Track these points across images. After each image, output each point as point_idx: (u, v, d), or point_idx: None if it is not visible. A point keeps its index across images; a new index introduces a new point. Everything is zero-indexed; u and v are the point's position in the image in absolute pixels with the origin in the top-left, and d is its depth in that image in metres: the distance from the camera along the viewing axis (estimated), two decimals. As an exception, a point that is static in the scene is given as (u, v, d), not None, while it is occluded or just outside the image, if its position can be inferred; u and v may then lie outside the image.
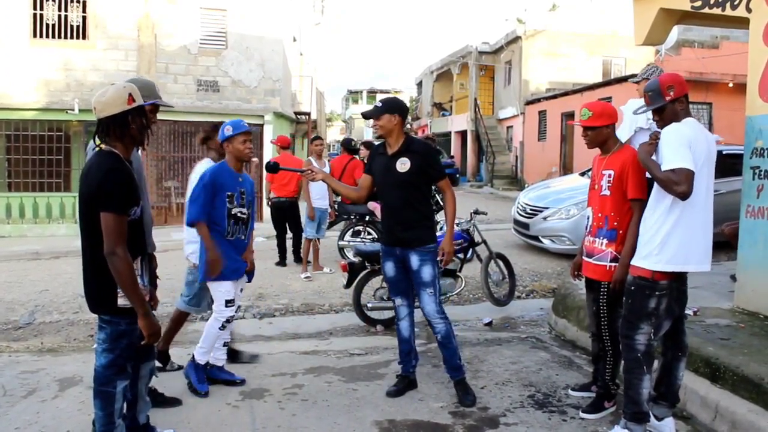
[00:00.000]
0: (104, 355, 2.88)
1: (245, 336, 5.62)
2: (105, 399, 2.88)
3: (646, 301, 3.21)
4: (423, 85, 36.60)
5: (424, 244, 3.92)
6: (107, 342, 2.88)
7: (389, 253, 4.02)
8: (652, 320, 3.22)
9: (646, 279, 3.21)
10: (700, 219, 3.21)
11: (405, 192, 3.89)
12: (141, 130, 2.93)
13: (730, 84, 16.01)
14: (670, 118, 3.27)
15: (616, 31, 22.88)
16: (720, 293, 5.44)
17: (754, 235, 4.85)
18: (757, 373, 3.51)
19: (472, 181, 27.20)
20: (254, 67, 14.91)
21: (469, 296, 7.08)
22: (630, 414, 3.27)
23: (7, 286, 7.74)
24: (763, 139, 4.79)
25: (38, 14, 13.55)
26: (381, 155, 4.00)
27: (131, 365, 2.97)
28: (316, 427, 3.55)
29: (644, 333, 3.23)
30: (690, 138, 3.15)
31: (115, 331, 2.85)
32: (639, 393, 3.23)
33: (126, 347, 2.89)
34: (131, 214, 2.82)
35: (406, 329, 4.11)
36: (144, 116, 2.95)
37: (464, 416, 3.68)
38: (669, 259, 3.17)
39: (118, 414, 2.92)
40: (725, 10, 5.15)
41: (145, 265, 2.97)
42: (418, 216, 3.93)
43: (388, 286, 4.17)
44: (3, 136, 13.56)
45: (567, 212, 8.95)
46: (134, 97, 2.88)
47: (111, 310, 2.83)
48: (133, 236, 2.85)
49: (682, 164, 3.06)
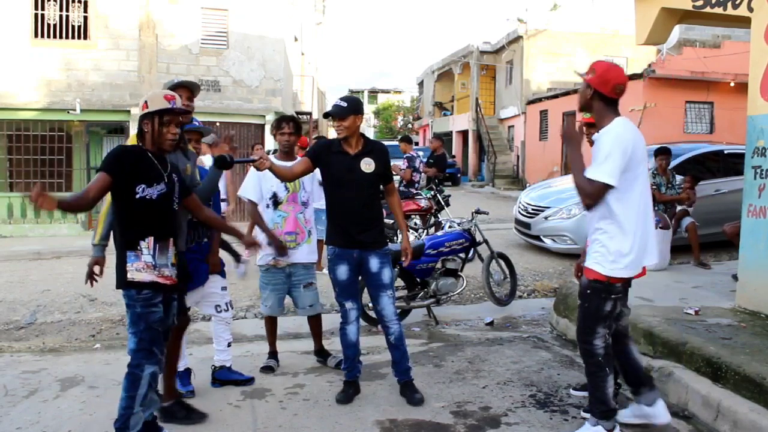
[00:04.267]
0: (132, 339, 3.09)
1: (246, 336, 5.63)
2: (131, 381, 3.04)
3: (602, 304, 3.20)
4: (424, 84, 36.59)
5: (382, 246, 3.93)
6: (131, 325, 3.10)
7: (344, 255, 3.87)
8: (607, 322, 3.23)
9: (602, 282, 3.18)
10: (643, 220, 3.20)
11: (366, 192, 3.85)
12: (153, 133, 3.12)
13: (731, 83, 15.98)
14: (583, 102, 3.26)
15: (618, 31, 22.86)
16: (721, 293, 5.44)
17: (755, 234, 4.84)
18: (759, 372, 3.51)
19: (473, 180, 27.18)
20: (255, 67, 14.92)
21: (470, 296, 7.08)
22: (599, 413, 3.28)
23: (8, 286, 7.75)
24: (764, 139, 4.78)
25: (39, 14, 13.57)
26: (340, 154, 3.84)
27: (160, 350, 3.11)
28: (317, 426, 3.55)
29: (601, 336, 3.23)
30: (626, 143, 3.09)
31: (133, 314, 3.08)
32: (605, 393, 3.25)
33: (145, 330, 3.06)
34: (139, 192, 3.03)
35: (354, 333, 3.98)
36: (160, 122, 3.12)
37: (466, 416, 3.68)
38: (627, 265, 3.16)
39: (140, 400, 3.03)
40: (726, 10, 5.14)
41: (161, 247, 3.11)
42: (375, 216, 3.93)
43: (339, 290, 3.94)
44: (4, 136, 13.58)
45: (568, 212, 8.94)
46: (148, 103, 3.12)
47: (123, 284, 3.05)
48: (147, 216, 3.07)
49: (602, 178, 3.03)
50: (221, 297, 4.13)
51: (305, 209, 4.44)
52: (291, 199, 4.38)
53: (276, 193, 4.36)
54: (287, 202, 4.37)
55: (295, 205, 4.38)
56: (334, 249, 3.91)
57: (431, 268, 5.95)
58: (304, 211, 4.43)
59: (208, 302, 4.11)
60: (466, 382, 4.24)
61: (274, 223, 4.33)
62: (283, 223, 4.36)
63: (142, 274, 3.04)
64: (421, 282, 5.98)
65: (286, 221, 4.36)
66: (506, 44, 24.90)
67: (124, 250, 3.07)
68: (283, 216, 4.37)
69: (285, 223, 4.36)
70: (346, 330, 3.98)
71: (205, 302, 4.11)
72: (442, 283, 5.97)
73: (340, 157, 3.84)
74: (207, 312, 4.24)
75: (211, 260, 4.04)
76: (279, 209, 4.37)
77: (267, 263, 4.38)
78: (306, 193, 4.43)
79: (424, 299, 5.94)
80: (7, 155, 13.62)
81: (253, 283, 7.80)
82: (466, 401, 3.90)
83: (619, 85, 3.20)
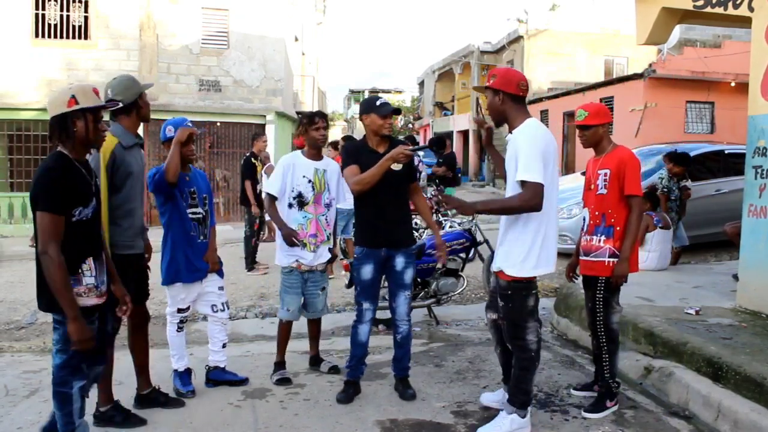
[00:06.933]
0: (58, 356, 2.87)
1: (247, 336, 5.63)
2: (62, 400, 2.88)
3: (525, 300, 3.31)
4: (425, 84, 36.58)
5: (410, 245, 3.96)
6: (60, 342, 2.85)
7: (371, 255, 3.85)
8: (534, 316, 3.34)
9: (521, 281, 3.28)
10: (553, 224, 3.34)
11: (396, 191, 3.88)
12: (88, 132, 2.86)
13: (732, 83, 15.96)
14: (496, 112, 3.35)
15: (618, 31, 22.85)
16: (722, 293, 5.44)
17: (756, 234, 4.84)
18: (760, 372, 3.51)
19: (474, 180, 27.18)
20: (256, 67, 14.92)
21: (471, 296, 7.08)
22: (520, 402, 3.35)
23: (9, 286, 7.76)
24: (765, 139, 4.78)
25: (40, 14, 13.58)
26: (371, 153, 3.84)
27: (87, 366, 2.93)
28: (318, 426, 3.55)
29: (533, 330, 3.32)
30: (540, 143, 3.20)
31: (66, 333, 2.81)
32: (530, 384, 3.37)
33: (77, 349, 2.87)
34: (76, 215, 2.79)
35: (366, 334, 3.95)
36: (94, 118, 2.88)
37: (466, 416, 3.68)
38: (535, 265, 3.26)
39: (77, 414, 2.91)
40: (727, 10, 5.14)
41: (98, 266, 2.93)
42: (404, 215, 3.96)
43: (360, 289, 3.91)
44: (5, 136, 13.59)
45: (569, 211, 8.92)
46: (78, 99, 2.82)
47: (58, 308, 2.77)
48: (84, 237, 2.83)
49: (536, 178, 3.11)
50: (218, 297, 4.11)
51: (327, 211, 4.34)
52: (316, 201, 4.26)
53: (301, 193, 4.22)
54: (312, 203, 4.25)
55: (319, 207, 4.28)
56: (363, 249, 3.89)
57: (432, 268, 5.95)
58: (327, 213, 4.34)
59: (205, 302, 4.09)
60: (466, 381, 4.25)
61: (298, 224, 4.22)
62: (308, 225, 4.25)
63: (83, 299, 2.83)
64: (421, 282, 5.98)
65: (310, 223, 4.25)
66: (507, 44, 24.90)
67: None
68: (308, 218, 4.24)
69: (310, 225, 4.26)
70: (358, 329, 3.97)
71: (202, 301, 4.09)
72: (442, 283, 5.97)
73: (372, 156, 3.82)
74: (203, 311, 4.21)
75: (210, 259, 4.04)
76: (304, 210, 4.24)
77: (291, 265, 4.27)
78: (329, 194, 4.33)
79: (424, 299, 5.94)
80: (7, 155, 13.63)
81: (253, 283, 7.82)
82: (467, 401, 3.90)
83: (522, 82, 3.33)
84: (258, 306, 6.71)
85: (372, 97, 3.99)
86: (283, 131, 16.42)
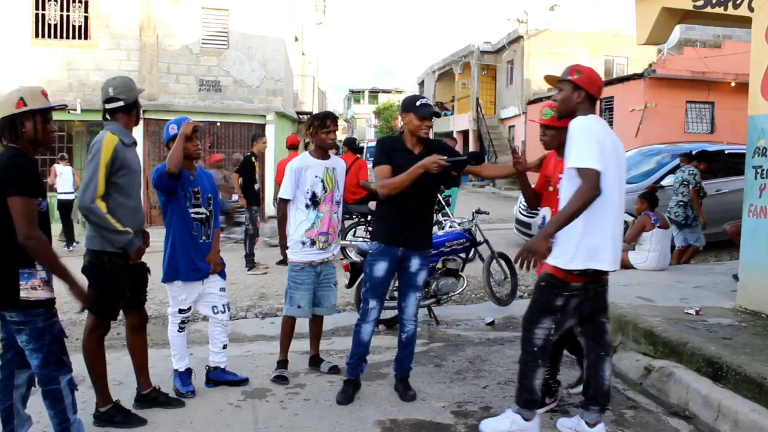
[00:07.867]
0: (35, 356, 2.88)
1: (247, 336, 5.64)
2: (53, 398, 2.90)
3: (553, 298, 3.20)
4: (425, 84, 36.58)
5: (428, 248, 3.95)
6: (31, 342, 2.87)
7: (387, 252, 3.81)
8: (556, 316, 3.21)
9: (558, 278, 3.16)
10: (611, 218, 3.11)
11: (427, 192, 3.84)
12: (36, 133, 2.90)
13: (732, 83, 15.99)
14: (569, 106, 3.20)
15: (619, 31, 22.87)
16: (722, 293, 5.44)
17: (756, 234, 4.84)
18: (760, 372, 3.51)
19: (474, 180, 27.15)
20: (256, 67, 14.93)
21: (471, 296, 7.08)
22: (523, 401, 3.28)
23: None
24: (765, 139, 4.78)
25: (40, 14, 13.58)
26: (405, 152, 3.76)
27: (67, 356, 2.96)
28: (318, 426, 3.55)
29: (544, 328, 3.22)
30: (598, 134, 3.05)
31: (34, 330, 2.85)
32: (533, 383, 3.26)
33: (51, 342, 2.90)
34: (40, 205, 2.84)
35: (369, 333, 3.93)
36: (42, 120, 2.91)
37: (466, 416, 3.68)
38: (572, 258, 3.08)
39: (70, 409, 2.93)
40: (727, 9, 5.14)
41: None
42: (428, 216, 3.95)
43: (370, 285, 3.87)
44: (5, 136, 13.58)
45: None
46: (26, 101, 2.86)
47: (13, 303, 2.81)
48: (42, 229, 2.85)
49: (592, 165, 2.94)
50: (219, 298, 4.11)
51: (338, 208, 4.37)
52: (327, 199, 4.26)
53: (315, 193, 4.21)
54: (324, 201, 4.24)
55: (331, 205, 4.28)
56: (379, 245, 3.85)
57: (432, 268, 5.95)
58: (338, 210, 4.36)
59: (206, 303, 4.09)
60: (466, 382, 4.25)
61: (311, 223, 4.21)
62: (319, 223, 4.24)
63: (38, 292, 2.86)
64: (422, 282, 5.98)
65: (322, 221, 4.25)
66: (507, 44, 24.91)
67: (15, 268, 2.81)
68: (320, 217, 4.23)
69: (321, 224, 4.25)
70: (361, 327, 3.94)
71: (203, 302, 4.09)
72: (442, 283, 5.97)
73: (405, 155, 3.75)
74: (204, 312, 4.21)
75: (213, 260, 4.03)
76: (318, 209, 4.23)
77: (303, 261, 4.26)
78: (339, 192, 4.34)
79: (424, 299, 5.93)
80: (7, 155, 13.63)
81: (253, 283, 7.82)
82: (467, 401, 3.90)
83: (602, 86, 3.28)
84: (258, 306, 6.71)
85: (413, 96, 3.92)
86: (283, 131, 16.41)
